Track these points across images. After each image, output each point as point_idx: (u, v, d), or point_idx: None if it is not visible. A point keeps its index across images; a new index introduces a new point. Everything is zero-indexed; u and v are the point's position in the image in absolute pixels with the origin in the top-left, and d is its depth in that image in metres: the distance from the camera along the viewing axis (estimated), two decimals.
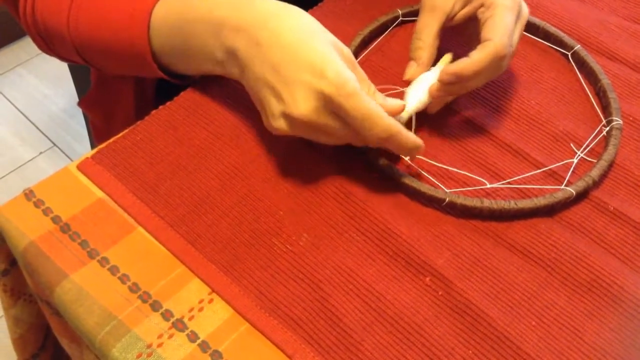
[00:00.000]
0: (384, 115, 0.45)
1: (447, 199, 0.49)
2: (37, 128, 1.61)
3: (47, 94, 1.68)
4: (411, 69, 0.54)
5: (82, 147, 1.57)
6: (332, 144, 0.49)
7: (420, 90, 0.52)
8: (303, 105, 0.44)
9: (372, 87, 0.49)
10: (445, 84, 0.51)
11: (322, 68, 0.44)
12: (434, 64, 0.54)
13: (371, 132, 0.45)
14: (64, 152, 1.56)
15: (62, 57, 0.62)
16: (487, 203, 0.49)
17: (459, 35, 0.57)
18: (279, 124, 0.46)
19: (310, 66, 0.44)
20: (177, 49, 0.52)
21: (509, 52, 0.50)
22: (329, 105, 0.45)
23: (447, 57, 0.55)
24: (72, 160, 1.54)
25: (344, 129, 0.46)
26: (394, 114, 0.49)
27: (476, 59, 0.49)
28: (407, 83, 0.54)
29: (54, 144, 1.57)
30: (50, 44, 0.59)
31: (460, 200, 0.49)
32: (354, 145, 0.49)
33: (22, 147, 1.56)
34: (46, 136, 1.59)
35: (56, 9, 0.56)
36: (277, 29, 0.46)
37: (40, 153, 1.55)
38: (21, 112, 1.63)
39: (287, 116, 0.45)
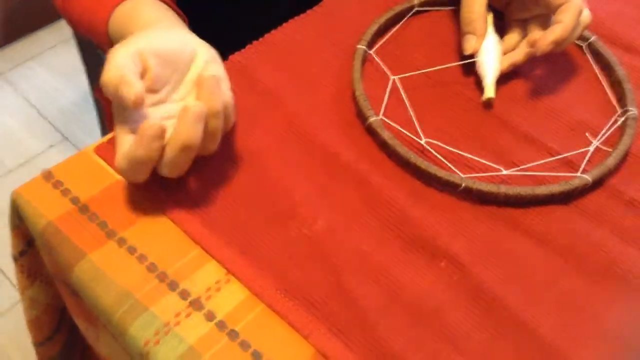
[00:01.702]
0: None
1: (463, 184, 0.49)
2: (48, 121, 1.62)
3: (58, 87, 1.69)
4: (471, 42, 0.57)
5: (93, 140, 1.55)
6: None
7: (492, 59, 0.55)
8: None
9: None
10: (543, 53, 0.54)
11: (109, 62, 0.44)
12: None
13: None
14: (74, 145, 1.57)
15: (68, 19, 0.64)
16: (503, 189, 0.49)
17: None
18: None
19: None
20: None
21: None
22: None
23: (490, 17, 0.57)
24: None
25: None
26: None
27: (567, 22, 0.53)
28: (428, 58, 0.57)
29: (65, 137, 1.58)
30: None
31: (477, 185, 0.49)
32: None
33: (33, 140, 1.57)
34: (57, 129, 1.60)
35: None
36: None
37: (51, 146, 1.56)
38: (32, 106, 1.64)
39: None
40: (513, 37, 0.59)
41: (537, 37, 0.54)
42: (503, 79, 0.58)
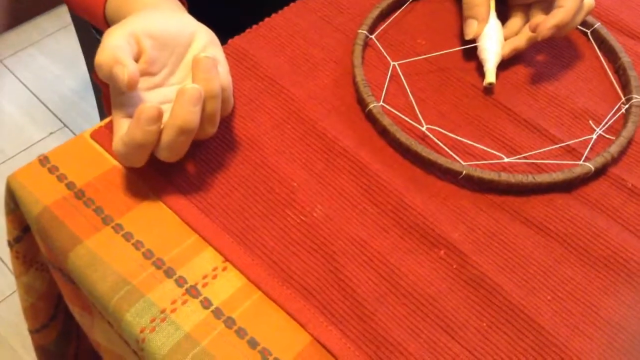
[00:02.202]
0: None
1: (464, 172, 0.48)
2: (48, 108, 1.61)
3: (58, 74, 1.68)
4: (473, 27, 0.56)
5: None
6: None
7: (493, 44, 0.55)
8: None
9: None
10: (544, 37, 0.53)
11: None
12: None
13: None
14: (74, 133, 1.56)
15: None
16: (504, 177, 0.48)
17: None
18: None
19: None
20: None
21: None
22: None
23: (492, 2, 0.57)
24: None
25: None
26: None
27: (569, 6, 0.52)
28: (430, 44, 0.56)
29: (64, 125, 1.58)
30: None
31: (477, 173, 0.48)
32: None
33: (32, 127, 1.56)
34: (56, 117, 1.59)
35: None
36: None
37: (51, 134, 1.55)
38: (32, 93, 1.64)
39: None
40: (515, 22, 0.58)
41: (539, 21, 0.54)
42: (505, 65, 0.58)
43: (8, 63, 1.69)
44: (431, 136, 0.52)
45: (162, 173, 0.48)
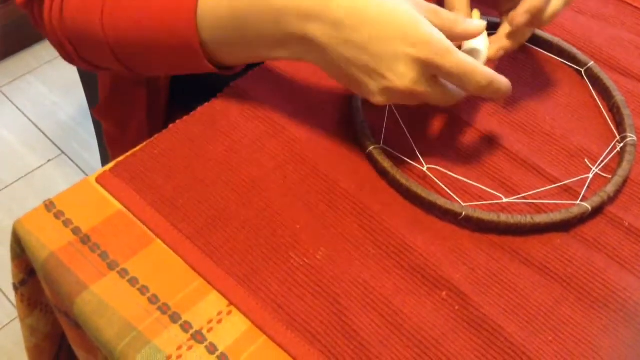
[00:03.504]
0: (478, 64, 0.46)
1: (464, 213, 0.49)
2: (46, 136, 1.61)
3: (55, 102, 1.69)
4: None
5: (90, 156, 1.57)
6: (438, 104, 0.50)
7: (479, 46, 0.54)
8: (406, 78, 0.45)
9: (450, 15, 0.49)
10: (522, 27, 0.52)
11: (415, 35, 0.45)
12: None
13: (472, 84, 0.46)
14: (72, 160, 1.57)
15: (90, 63, 0.59)
16: (503, 217, 0.49)
17: None
18: (381, 99, 0.47)
19: (403, 37, 0.45)
20: (228, 39, 0.50)
21: None
22: (428, 70, 0.46)
23: (476, 12, 0.55)
24: (80, 168, 1.55)
25: (441, 92, 0.48)
26: (478, 34, 0.50)
27: None
28: None
29: (62, 152, 1.58)
30: (78, 47, 0.57)
31: (477, 214, 0.49)
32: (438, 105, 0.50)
33: (30, 154, 1.57)
34: (54, 144, 1.60)
35: (89, 6, 0.53)
36: (353, 7, 0.45)
37: (49, 161, 1.56)
38: (30, 120, 1.64)
39: (388, 90, 0.46)
40: (506, 28, 0.56)
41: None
42: (500, 104, 0.59)
43: (6, 91, 1.70)
44: (432, 177, 0.52)
45: (167, 217, 0.49)
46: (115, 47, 0.54)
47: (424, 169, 0.53)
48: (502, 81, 0.48)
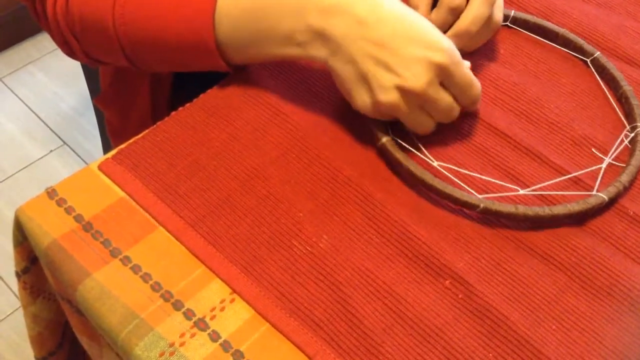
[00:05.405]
0: (475, 79, 0.50)
1: (482, 205, 0.48)
2: (48, 126, 1.61)
3: (57, 92, 1.69)
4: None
5: (92, 146, 1.57)
6: (421, 129, 0.52)
7: None
8: (421, 79, 0.46)
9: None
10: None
11: (435, 41, 0.47)
12: None
13: (470, 96, 0.50)
14: (74, 151, 1.57)
15: (94, 58, 0.58)
16: (521, 209, 0.48)
17: None
18: (391, 96, 0.47)
19: (423, 40, 0.47)
20: (245, 36, 0.51)
21: None
22: (441, 75, 0.47)
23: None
24: (82, 158, 1.54)
25: (449, 100, 0.49)
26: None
27: (472, 11, 0.53)
28: None
29: (64, 142, 1.58)
30: (84, 42, 0.55)
31: (495, 206, 0.48)
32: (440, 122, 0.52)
33: (32, 145, 1.57)
34: (56, 134, 1.60)
35: (99, 1, 0.52)
36: (375, 5, 0.47)
37: (51, 151, 1.56)
38: (32, 110, 1.64)
39: (401, 89, 0.47)
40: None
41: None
42: (505, 93, 0.58)
43: (7, 81, 1.70)
44: (445, 172, 0.52)
45: (169, 204, 0.49)
46: (125, 43, 0.53)
47: (435, 164, 0.52)
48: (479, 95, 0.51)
